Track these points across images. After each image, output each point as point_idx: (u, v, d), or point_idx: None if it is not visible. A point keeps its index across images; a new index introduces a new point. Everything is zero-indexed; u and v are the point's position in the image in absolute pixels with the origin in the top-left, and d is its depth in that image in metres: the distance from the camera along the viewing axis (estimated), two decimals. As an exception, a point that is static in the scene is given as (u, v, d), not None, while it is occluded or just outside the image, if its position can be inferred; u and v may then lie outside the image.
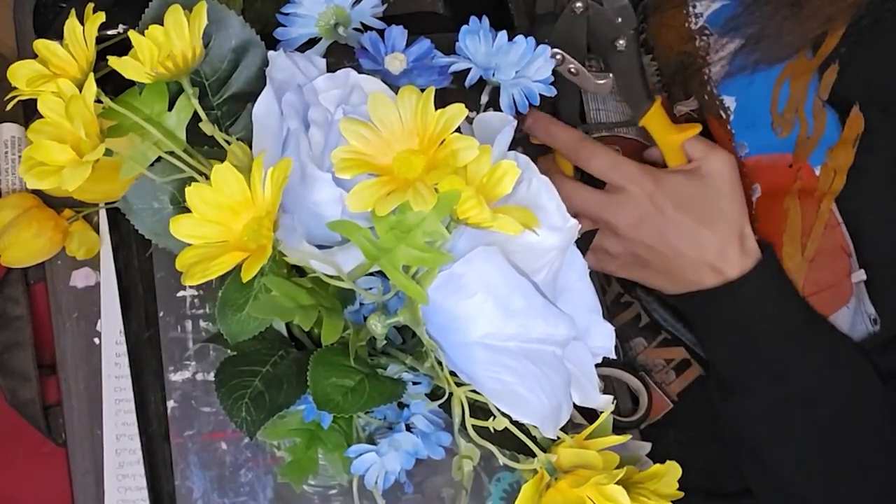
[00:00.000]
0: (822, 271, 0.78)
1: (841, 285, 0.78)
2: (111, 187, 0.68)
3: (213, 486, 0.69)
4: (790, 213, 0.78)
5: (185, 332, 0.72)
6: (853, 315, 0.78)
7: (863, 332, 0.78)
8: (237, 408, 0.56)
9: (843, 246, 0.78)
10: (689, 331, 0.85)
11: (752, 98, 0.80)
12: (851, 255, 0.78)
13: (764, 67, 0.79)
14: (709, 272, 0.75)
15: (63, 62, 0.57)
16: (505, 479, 0.70)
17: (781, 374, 0.76)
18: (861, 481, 0.77)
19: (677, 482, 0.56)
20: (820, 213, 0.77)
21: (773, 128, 0.79)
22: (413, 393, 0.58)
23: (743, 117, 0.80)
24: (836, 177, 0.77)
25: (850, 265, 0.78)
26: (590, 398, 0.60)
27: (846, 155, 0.77)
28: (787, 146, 0.79)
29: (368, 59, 0.63)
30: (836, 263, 0.78)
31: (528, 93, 0.66)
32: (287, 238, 0.53)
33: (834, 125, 0.78)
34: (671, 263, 0.76)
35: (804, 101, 0.79)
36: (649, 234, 0.75)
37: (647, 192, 0.74)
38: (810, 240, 0.77)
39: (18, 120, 0.80)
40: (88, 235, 0.76)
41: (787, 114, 0.78)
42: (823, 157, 0.78)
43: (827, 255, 0.78)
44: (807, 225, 0.78)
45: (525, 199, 0.56)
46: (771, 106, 0.79)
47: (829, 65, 0.79)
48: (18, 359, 0.78)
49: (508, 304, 0.54)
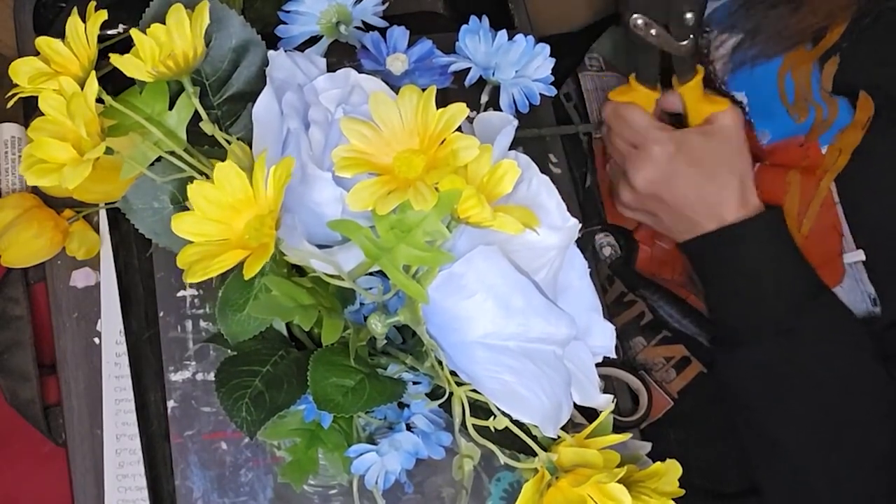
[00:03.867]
0: (815, 249, 0.79)
1: (832, 264, 0.79)
2: (111, 187, 0.68)
3: (213, 486, 0.69)
4: (791, 188, 0.80)
5: (185, 332, 0.72)
6: (848, 294, 0.79)
7: (862, 311, 0.79)
8: (237, 408, 0.56)
9: (835, 225, 0.79)
10: (693, 325, 0.86)
11: (761, 91, 0.81)
12: (844, 235, 0.79)
13: (763, 60, 0.80)
14: (707, 214, 0.78)
15: (65, 60, 0.57)
16: (505, 478, 0.70)
17: (789, 330, 0.77)
18: (854, 449, 0.78)
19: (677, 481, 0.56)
20: (819, 190, 0.79)
21: (791, 115, 0.81)
22: (413, 393, 0.58)
23: (758, 109, 0.82)
24: (840, 155, 0.79)
25: (843, 245, 0.79)
26: (590, 397, 0.60)
27: (855, 136, 0.78)
28: (805, 130, 0.80)
29: (370, 60, 0.64)
30: (827, 242, 0.79)
31: (527, 92, 0.66)
32: (287, 237, 0.53)
33: (846, 109, 0.79)
34: (676, 210, 0.79)
35: (810, 91, 0.80)
36: (660, 188, 0.79)
37: (667, 154, 0.78)
38: (806, 217, 0.80)
39: (19, 120, 0.80)
40: (88, 235, 0.76)
41: (798, 102, 0.80)
42: (832, 138, 0.79)
43: (819, 233, 0.80)
44: (804, 202, 0.80)
45: (525, 199, 0.56)
46: (780, 97, 0.81)
47: (830, 57, 0.79)
48: (18, 359, 0.78)
49: (509, 304, 0.54)
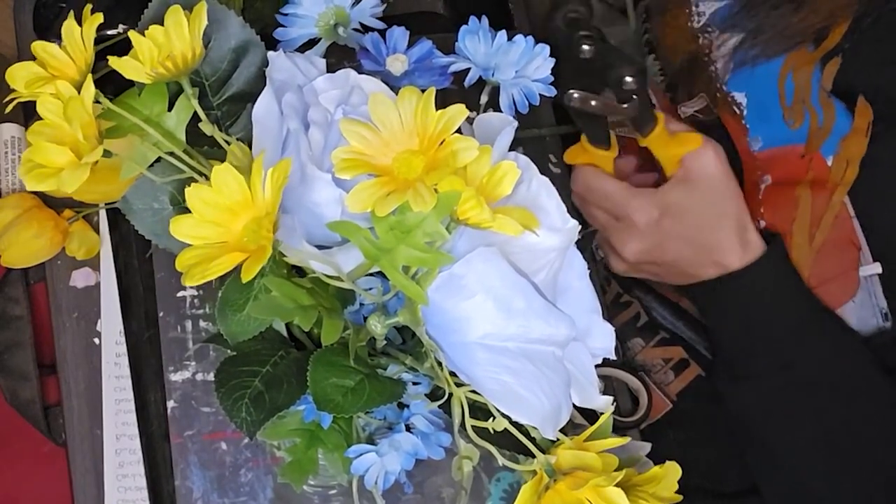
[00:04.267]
0: (829, 263, 0.78)
1: (847, 278, 0.78)
2: (111, 188, 0.68)
3: (213, 486, 0.69)
4: (801, 203, 0.78)
5: (185, 332, 0.72)
6: (860, 309, 0.78)
7: (873, 327, 0.78)
8: (237, 408, 0.56)
9: (852, 239, 0.77)
10: (688, 329, 0.86)
11: (760, 92, 0.80)
12: (861, 248, 0.78)
13: (764, 60, 0.79)
14: (710, 267, 0.76)
15: (61, 64, 0.56)
16: (505, 479, 0.70)
17: (789, 364, 0.76)
18: (863, 471, 0.77)
19: (677, 483, 0.56)
20: (832, 204, 0.77)
21: (785, 119, 0.79)
22: (413, 393, 0.58)
23: (755, 111, 0.80)
24: (848, 167, 0.77)
25: (860, 258, 0.78)
26: (590, 399, 0.60)
27: (859, 144, 0.77)
28: (800, 137, 0.79)
29: (370, 60, 0.63)
30: (843, 255, 0.78)
31: (527, 92, 0.66)
32: (287, 238, 0.53)
33: (843, 114, 0.78)
34: (675, 268, 0.77)
35: (809, 93, 0.79)
36: (653, 255, 0.77)
37: (652, 221, 0.75)
38: (819, 230, 0.78)
39: (18, 120, 0.80)
40: (88, 236, 0.76)
41: (795, 105, 0.79)
42: (836, 147, 0.78)
43: (835, 246, 0.78)
44: (816, 215, 0.78)
45: (525, 200, 0.56)
46: (779, 99, 0.79)
47: (832, 58, 0.79)
48: (18, 359, 0.78)
49: (508, 305, 0.54)
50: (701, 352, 0.85)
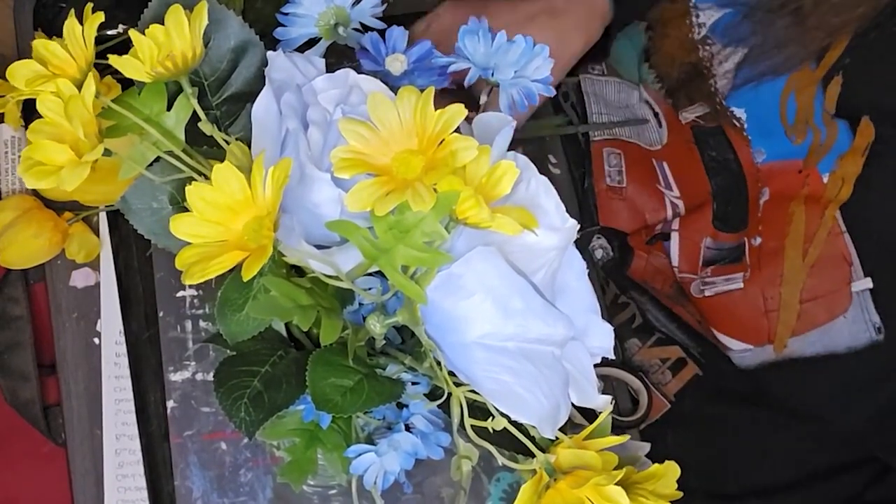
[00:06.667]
0: (821, 278, 0.78)
1: (839, 293, 0.78)
2: (110, 188, 0.68)
3: (212, 486, 0.69)
4: (795, 218, 0.78)
5: (185, 332, 0.72)
6: (852, 324, 0.78)
7: (865, 341, 0.78)
8: (236, 408, 0.56)
9: (844, 255, 0.78)
10: (681, 333, 0.86)
11: (761, 110, 0.80)
12: (853, 264, 0.78)
13: (768, 79, 0.79)
14: None
15: (62, 62, 0.56)
16: (504, 479, 0.70)
17: None
18: None
19: (676, 482, 0.56)
20: (824, 220, 0.78)
21: (788, 135, 0.79)
22: (412, 393, 0.58)
23: (756, 127, 0.80)
24: (843, 185, 0.77)
25: (851, 274, 0.78)
26: (589, 398, 0.60)
27: (855, 163, 0.77)
28: (802, 153, 0.79)
29: (369, 60, 0.63)
30: (835, 271, 0.78)
31: (526, 92, 0.66)
32: (286, 238, 0.53)
33: (846, 133, 0.78)
34: None
35: (812, 114, 0.79)
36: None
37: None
38: (812, 245, 0.78)
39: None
40: (88, 238, 0.76)
41: (798, 124, 0.79)
42: (833, 165, 0.78)
43: (827, 262, 0.78)
44: (810, 231, 0.78)
45: (524, 200, 0.56)
46: (781, 118, 0.80)
47: (833, 76, 0.78)
48: (18, 359, 0.78)
49: (507, 305, 0.53)
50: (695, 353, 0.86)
